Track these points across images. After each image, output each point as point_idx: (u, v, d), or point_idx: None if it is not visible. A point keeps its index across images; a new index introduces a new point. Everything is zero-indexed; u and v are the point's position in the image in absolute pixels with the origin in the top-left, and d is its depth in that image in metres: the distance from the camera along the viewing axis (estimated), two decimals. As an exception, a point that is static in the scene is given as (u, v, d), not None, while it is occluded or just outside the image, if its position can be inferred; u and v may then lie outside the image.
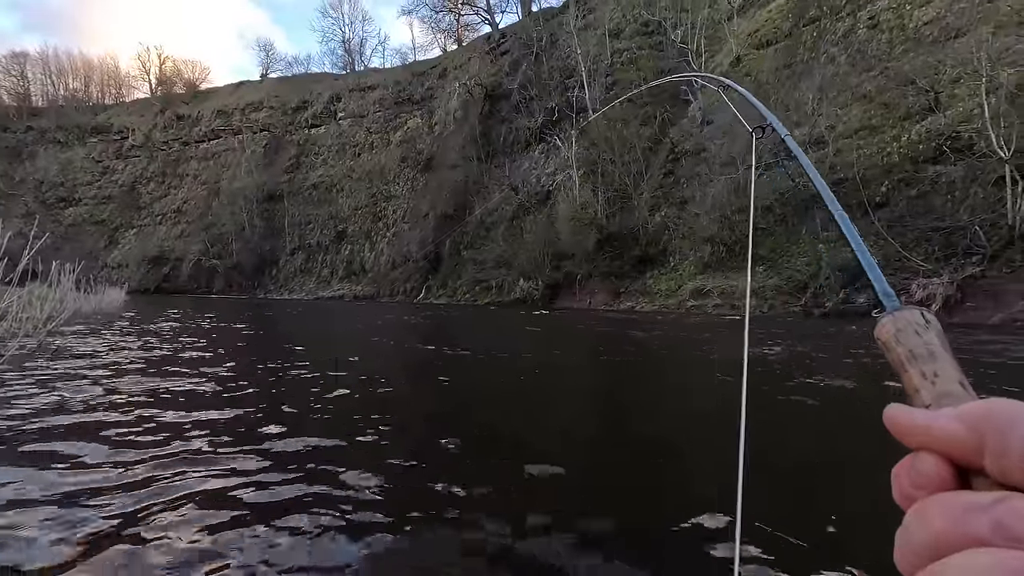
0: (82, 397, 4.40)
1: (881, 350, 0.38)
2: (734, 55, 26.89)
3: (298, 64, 66.79)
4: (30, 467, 2.76)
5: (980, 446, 0.26)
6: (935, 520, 0.26)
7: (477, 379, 6.11)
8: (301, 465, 2.87)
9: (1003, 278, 12.32)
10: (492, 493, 2.55)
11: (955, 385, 0.33)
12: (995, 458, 0.26)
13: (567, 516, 2.31)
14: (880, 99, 18.28)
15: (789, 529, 2.11)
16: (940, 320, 0.33)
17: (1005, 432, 0.26)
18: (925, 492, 0.28)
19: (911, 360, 0.35)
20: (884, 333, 0.38)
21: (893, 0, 20.75)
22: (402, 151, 44.62)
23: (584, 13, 38.39)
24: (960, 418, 0.28)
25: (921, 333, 0.36)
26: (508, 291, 26.73)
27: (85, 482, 2.57)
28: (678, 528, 2.16)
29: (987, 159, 13.53)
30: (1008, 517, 0.23)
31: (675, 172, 25.01)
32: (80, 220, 59.53)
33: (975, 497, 0.25)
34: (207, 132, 59.72)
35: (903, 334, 0.37)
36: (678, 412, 4.60)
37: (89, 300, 15.76)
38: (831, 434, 3.80)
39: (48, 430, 3.45)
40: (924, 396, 0.33)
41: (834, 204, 0.65)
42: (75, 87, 71.26)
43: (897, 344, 0.37)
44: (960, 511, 0.25)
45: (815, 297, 15.20)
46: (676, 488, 2.78)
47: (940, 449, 0.28)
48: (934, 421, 0.29)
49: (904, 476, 0.29)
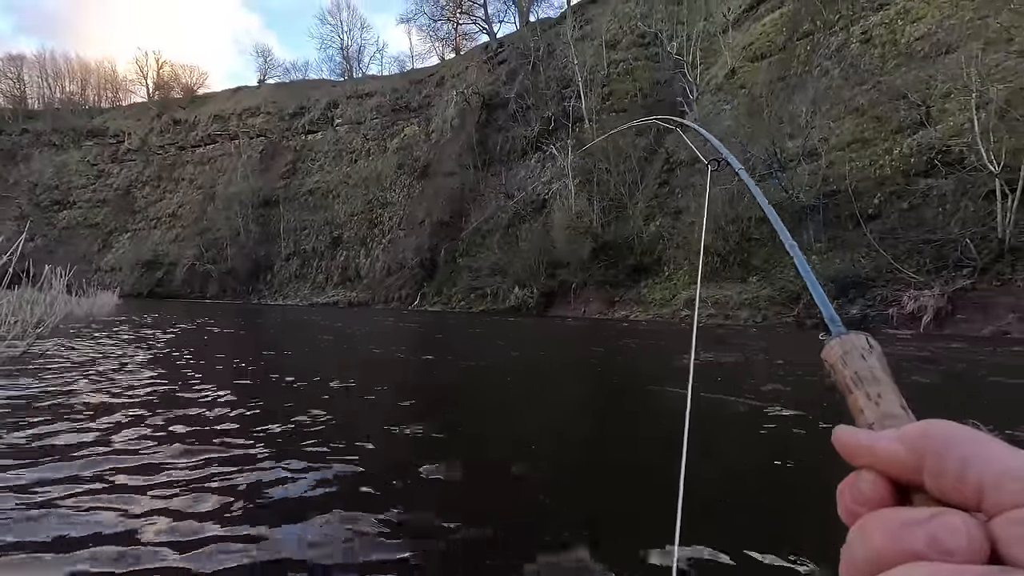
0: (51, 403, 4.36)
1: (828, 372, 0.40)
2: (729, 67, 27.15)
3: (296, 70, 66.68)
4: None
5: (919, 465, 0.28)
6: (874, 535, 0.27)
7: (457, 388, 6.10)
8: (271, 469, 2.86)
9: (993, 291, 12.43)
10: (447, 494, 2.55)
11: (897, 407, 0.34)
12: (933, 477, 0.27)
13: (524, 522, 2.30)
14: (872, 112, 18.48)
15: (733, 541, 2.12)
16: (931, 332, 0.33)
17: (942, 452, 0.27)
18: (867, 508, 0.29)
19: (857, 382, 0.36)
20: (831, 356, 0.39)
21: (885, 15, 21.04)
22: (399, 158, 44.71)
23: (581, 24, 38.74)
24: (900, 439, 0.29)
25: (866, 357, 0.38)
26: (503, 299, 26.71)
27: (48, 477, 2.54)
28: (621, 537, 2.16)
29: (977, 173, 13.69)
30: (942, 532, 0.25)
31: (670, 182, 25.16)
32: (74, 223, 59.24)
33: (912, 513, 0.26)
34: (204, 137, 59.67)
35: (849, 357, 0.38)
36: (633, 426, 4.61)
37: (81, 304, 15.66)
38: (785, 447, 3.81)
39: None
40: (868, 416, 0.34)
41: (784, 233, 0.67)
42: (71, 90, 71.19)
43: (844, 367, 0.38)
44: (897, 526, 0.26)
45: (807, 308, 15.27)
46: (620, 502, 2.79)
47: (882, 468, 0.29)
48: (877, 442, 0.30)
49: (847, 493, 0.30)
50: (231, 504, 2.45)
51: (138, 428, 3.68)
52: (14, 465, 2.85)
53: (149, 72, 71.73)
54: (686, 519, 0.95)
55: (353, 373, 6.94)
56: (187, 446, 3.29)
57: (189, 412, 4.17)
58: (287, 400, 4.80)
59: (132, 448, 3.23)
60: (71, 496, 2.47)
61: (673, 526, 0.92)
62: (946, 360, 7.87)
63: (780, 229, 0.68)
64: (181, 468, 2.90)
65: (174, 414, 4.08)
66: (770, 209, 0.77)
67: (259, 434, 3.64)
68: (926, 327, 12.38)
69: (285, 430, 3.75)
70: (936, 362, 7.67)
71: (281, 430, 3.75)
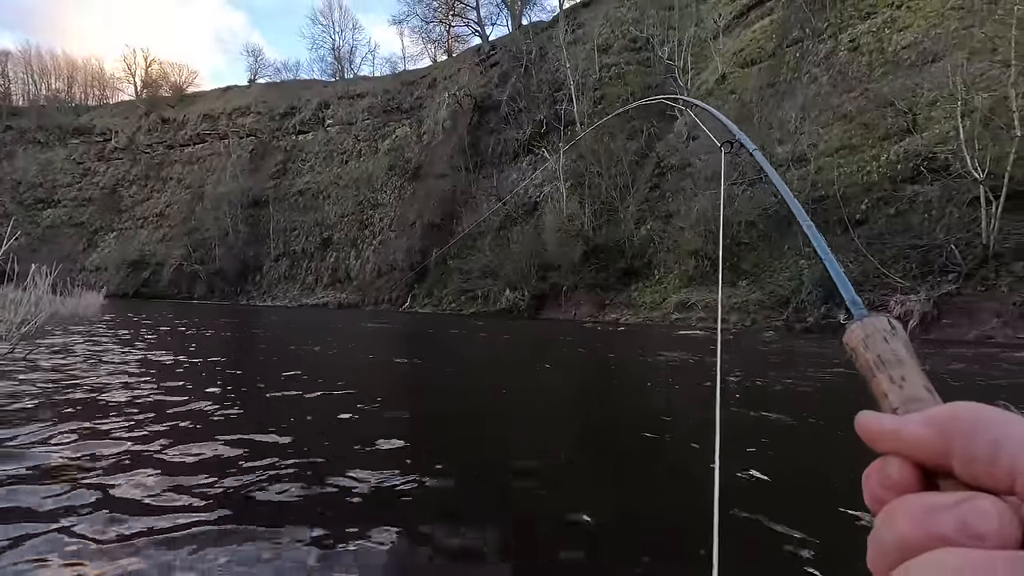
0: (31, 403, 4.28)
1: (850, 356, 0.39)
2: (719, 73, 27.39)
3: (287, 70, 66.41)
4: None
5: (947, 449, 0.27)
6: (900, 521, 0.26)
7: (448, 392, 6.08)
8: (254, 472, 2.82)
9: (978, 296, 12.63)
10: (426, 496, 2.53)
11: (921, 390, 0.33)
12: (962, 461, 0.26)
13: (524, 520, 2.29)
14: (860, 119, 18.72)
15: (769, 533, 2.12)
16: (917, 336, 0.33)
17: (970, 435, 0.26)
18: (893, 494, 0.28)
19: (879, 365, 0.36)
20: (853, 339, 0.38)
21: (873, 24, 21.34)
22: (390, 159, 44.58)
23: (574, 28, 38.89)
24: (927, 422, 0.28)
25: (889, 339, 0.37)
26: (494, 301, 26.70)
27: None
28: (652, 537, 2.16)
29: (962, 180, 13.91)
30: (971, 516, 0.24)
31: (661, 186, 25.31)
32: (59, 222, 58.42)
33: (940, 498, 0.26)
34: (192, 136, 59.12)
35: (871, 340, 0.37)
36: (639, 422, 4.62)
37: (66, 304, 15.42)
38: (786, 447, 3.84)
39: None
40: (892, 400, 0.34)
41: (802, 215, 0.65)
42: (58, 87, 70.36)
43: (866, 350, 0.37)
44: (925, 511, 0.25)
45: (797, 312, 15.41)
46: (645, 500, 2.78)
47: (909, 453, 0.28)
48: (903, 426, 0.29)
49: (873, 479, 0.29)
50: (216, 507, 2.41)
51: (127, 426, 3.62)
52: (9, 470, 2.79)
53: (137, 70, 71.13)
54: (688, 518, 0.94)
55: (345, 375, 6.89)
56: (168, 445, 3.24)
57: (168, 412, 4.11)
58: (271, 403, 4.76)
59: (122, 449, 3.17)
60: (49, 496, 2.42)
61: (674, 525, 0.91)
62: (932, 363, 7.97)
63: (798, 212, 0.67)
64: (166, 467, 2.86)
65: (157, 414, 4.03)
66: (787, 191, 0.76)
67: (245, 439, 3.60)
68: (912, 331, 12.54)
69: (269, 433, 3.71)
70: (923, 365, 7.73)
71: (265, 433, 3.71)
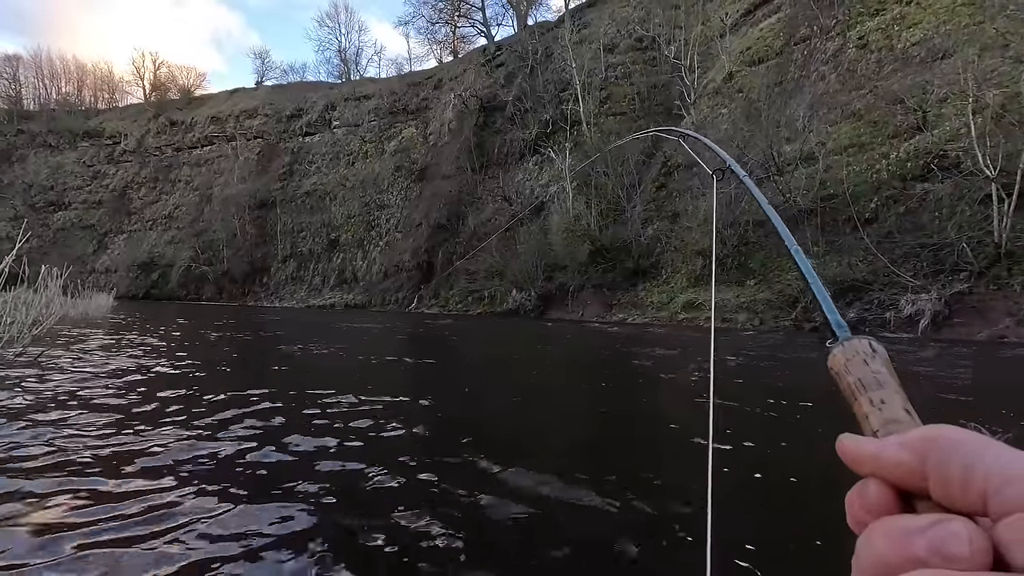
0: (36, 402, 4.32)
1: (834, 379, 0.39)
2: (726, 71, 27.25)
3: (293, 72, 66.68)
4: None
5: (923, 472, 0.27)
6: (878, 543, 0.27)
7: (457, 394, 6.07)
8: (262, 470, 2.82)
9: (990, 295, 12.47)
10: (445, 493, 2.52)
11: (901, 412, 0.34)
12: (937, 483, 0.27)
13: (533, 518, 2.28)
14: (869, 117, 18.56)
15: (759, 545, 2.09)
16: (928, 336, 0.33)
17: (944, 458, 0.26)
18: (873, 517, 0.28)
19: (860, 388, 0.36)
20: (836, 363, 0.39)
21: (881, 21, 21.16)
22: (396, 160, 44.66)
23: (579, 28, 38.83)
24: (904, 445, 0.29)
25: (869, 362, 0.37)
26: (500, 302, 26.69)
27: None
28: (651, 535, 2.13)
29: (974, 177, 13.75)
30: (944, 539, 0.24)
31: (667, 185, 25.21)
32: (69, 225, 58.98)
33: (915, 520, 0.26)
34: (200, 138, 59.49)
35: (852, 363, 0.37)
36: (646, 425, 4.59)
37: (77, 305, 15.57)
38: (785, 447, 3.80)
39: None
40: (872, 423, 0.34)
41: (789, 239, 0.67)
42: (68, 91, 70.96)
43: (847, 373, 0.37)
44: (901, 534, 0.26)
45: (805, 312, 15.30)
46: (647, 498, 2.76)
47: (886, 475, 0.29)
48: (881, 449, 0.30)
49: (855, 502, 0.30)
50: (224, 502, 2.42)
51: (133, 423, 3.64)
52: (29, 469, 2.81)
53: (146, 73, 71.67)
54: (687, 519, 0.93)
55: (350, 375, 6.90)
56: (169, 443, 3.25)
57: (177, 407, 4.13)
58: (277, 401, 4.77)
59: (133, 448, 3.19)
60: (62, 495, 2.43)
61: (673, 527, 0.90)
62: (944, 364, 7.87)
63: (784, 233, 0.67)
64: (172, 465, 2.87)
65: (165, 412, 4.05)
66: (774, 214, 0.76)
67: (253, 437, 3.61)
68: (923, 331, 12.41)
69: (278, 432, 3.72)
70: (935, 365, 7.67)
71: (274, 432, 3.72)
